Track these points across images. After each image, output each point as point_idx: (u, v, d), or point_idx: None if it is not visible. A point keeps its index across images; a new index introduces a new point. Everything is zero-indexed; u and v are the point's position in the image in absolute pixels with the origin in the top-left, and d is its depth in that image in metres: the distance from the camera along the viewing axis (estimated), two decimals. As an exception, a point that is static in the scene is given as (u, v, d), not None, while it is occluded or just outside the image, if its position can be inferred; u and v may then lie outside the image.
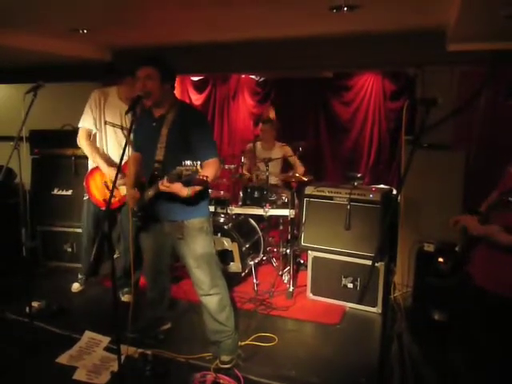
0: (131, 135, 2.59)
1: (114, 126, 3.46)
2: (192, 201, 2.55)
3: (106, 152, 3.49)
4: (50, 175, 4.34)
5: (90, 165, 3.55)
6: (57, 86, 3.46)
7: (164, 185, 2.44)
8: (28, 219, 2.97)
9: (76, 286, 3.88)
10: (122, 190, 3.47)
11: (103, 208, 3.56)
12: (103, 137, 3.48)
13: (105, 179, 3.49)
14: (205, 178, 2.31)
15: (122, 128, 3.46)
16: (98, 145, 3.49)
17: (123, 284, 3.62)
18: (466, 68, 3.66)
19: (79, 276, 3.91)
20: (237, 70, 5.17)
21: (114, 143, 3.48)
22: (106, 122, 3.44)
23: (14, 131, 2.76)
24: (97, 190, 3.53)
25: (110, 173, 3.41)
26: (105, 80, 3.51)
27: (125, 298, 3.61)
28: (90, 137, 3.47)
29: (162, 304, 3.07)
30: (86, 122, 3.44)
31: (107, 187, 3.49)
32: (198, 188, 2.45)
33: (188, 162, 2.27)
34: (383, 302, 3.28)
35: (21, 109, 2.74)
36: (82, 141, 3.45)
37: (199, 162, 2.29)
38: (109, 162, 3.45)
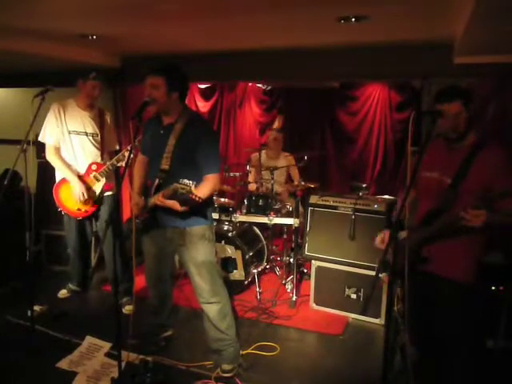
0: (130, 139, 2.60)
1: (78, 134, 3.48)
2: (194, 209, 2.56)
3: (76, 160, 3.50)
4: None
5: (58, 176, 3.55)
6: (65, 91, 3.48)
7: (159, 200, 2.50)
8: (32, 223, 2.97)
9: (63, 292, 3.87)
10: (97, 186, 3.49)
11: (79, 217, 3.58)
12: (70, 146, 3.48)
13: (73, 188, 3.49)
14: (197, 199, 2.35)
15: (86, 134, 3.49)
16: (65, 154, 3.50)
17: (122, 292, 3.56)
18: (473, 80, 3.66)
19: (69, 285, 3.90)
20: (244, 78, 5.19)
21: (82, 151, 3.50)
22: (70, 132, 3.46)
23: (22, 135, 2.78)
24: (68, 201, 3.51)
25: (79, 189, 3.40)
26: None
27: (125, 310, 3.56)
28: (58, 150, 3.49)
29: (163, 311, 3.06)
30: (50, 138, 3.44)
31: None
32: (186, 208, 2.48)
33: (185, 181, 2.32)
34: (386, 314, 3.24)
35: (29, 113, 2.76)
36: (51, 156, 3.47)
37: (195, 183, 2.34)
38: (75, 173, 3.48)
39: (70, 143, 3.48)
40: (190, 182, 2.32)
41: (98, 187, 3.52)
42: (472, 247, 2.12)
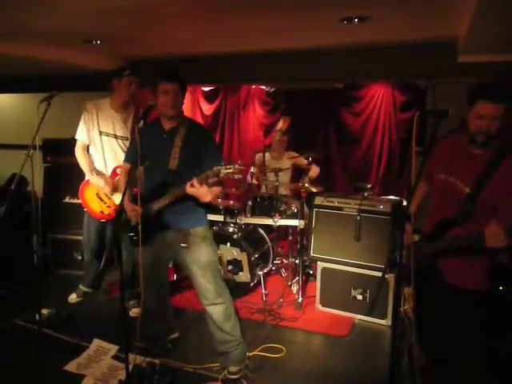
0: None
1: (108, 135, 3.48)
2: (198, 208, 2.62)
3: (104, 162, 3.50)
4: (62, 183, 4.39)
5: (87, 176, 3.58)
6: (70, 96, 3.51)
7: (195, 186, 2.44)
8: (39, 227, 3.00)
9: (73, 297, 3.86)
10: (117, 198, 3.49)
11: (102, 220, 3.59)
12: (100, 147, 3.49)
13: (96, 191, 3.51)
14: (236, 178, 2.41)
15: (115, 137, 3.49)
16: (94, 155, 3.52)
17: (129, 296, 3.58)
18: (478, 79, 3.65)
19: (80, 287, 3.90)
20: (248, 80, 5.21)
21: (111, 152, 3.50)
22: (101, 133, 3.47)
23: (28, 140, 2.80)
24: (92, 202, 3.53)
25: (96, 182, 3.43)
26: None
27: (132, 312, 3.56)
28: (87, 148, 3.51)
29: (165, 315, 3.06)
30: (80, 135, 3.48)
31: (100, 198, 3.52)
32: (217, 192, 2.59)
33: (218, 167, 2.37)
34: (393, 315, 3.23)
35: (35, 118, 2.79)
36: (77, 151, 3.50)
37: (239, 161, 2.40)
38: (99, 173, 3.48)
39: (101, 144, 3.48)
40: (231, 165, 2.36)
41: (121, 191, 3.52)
42: (486, 256, 2.07)
